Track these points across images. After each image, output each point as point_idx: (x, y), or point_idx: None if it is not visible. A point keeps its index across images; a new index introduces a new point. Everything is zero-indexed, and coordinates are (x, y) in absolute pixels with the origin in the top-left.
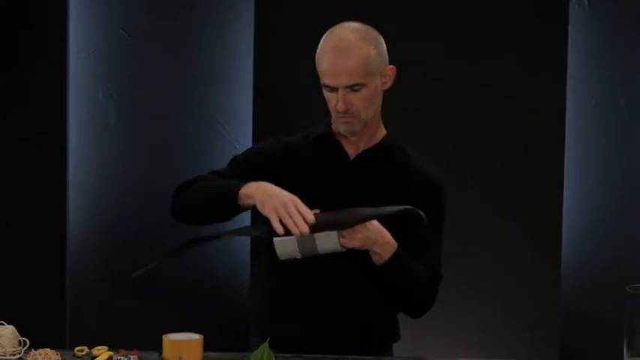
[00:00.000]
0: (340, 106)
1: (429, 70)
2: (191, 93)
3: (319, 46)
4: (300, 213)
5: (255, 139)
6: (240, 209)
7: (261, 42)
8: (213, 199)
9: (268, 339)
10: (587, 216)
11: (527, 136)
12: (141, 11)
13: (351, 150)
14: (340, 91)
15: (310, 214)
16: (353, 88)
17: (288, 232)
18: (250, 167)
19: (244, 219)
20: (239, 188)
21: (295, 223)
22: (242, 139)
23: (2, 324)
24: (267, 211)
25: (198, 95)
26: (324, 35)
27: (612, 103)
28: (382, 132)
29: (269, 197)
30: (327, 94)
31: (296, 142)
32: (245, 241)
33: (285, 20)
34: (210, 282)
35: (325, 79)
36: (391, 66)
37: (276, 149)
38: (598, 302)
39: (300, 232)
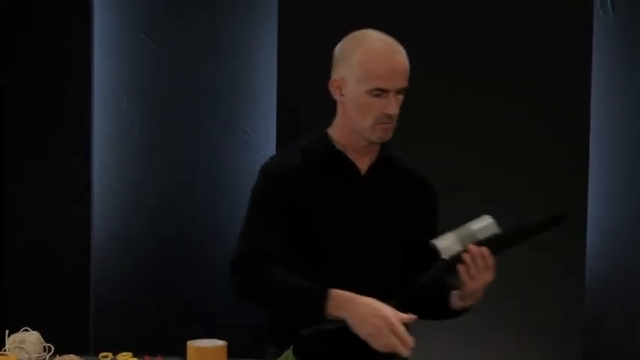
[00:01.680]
0: (393, 110)
1: (452, 77)
2: (213, 98)
3: (355, 52)
4: (397, 336)
5: (278, 145)
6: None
7: (285, 47)
8: (294, 313)
9: (292, 346)
10: (612, 222)
11: (551, 140)
12: (162, 16)
13: (361, 164)
14: (393, 95)
15: (406, 337)
16: (400, 92)
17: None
18: (282, 207)
19: None
20: (324, 309)
21: (399, 344)
22: (265, 144)
23: (27, 330)
24: (363, 337)
25: (221, 100)
26: (356, 42)
27: (636, 109)
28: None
29: (358, 326)
30: (369, 99)
31: (299, 162)
32: None
33: (309, 24)
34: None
35: (379, 83)
36: None
37: (287, 176)
38: (622, 309)
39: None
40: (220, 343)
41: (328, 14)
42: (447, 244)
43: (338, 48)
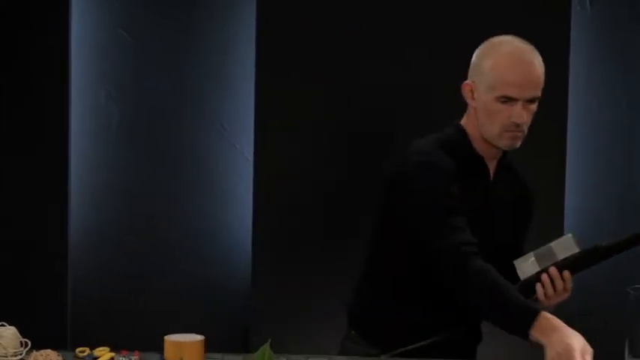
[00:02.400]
0: (520, 119)
1: (428, 72)
2: (192, 93)
3: (488, 57)
4: None
5: (256, 140)
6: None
7: (264, 42)
8: (505, 321)
9: (269, 340)
10: (589, 218)
11: (528, 137)
12: (141, 11)
13: (491, 169)
14: (521, 104)
15: None
16: (531, 100)
17: None
18: (455, 202)
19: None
20: (528, 330)
21: None
22: (243, 139)
23: (3, 325)
24: None
25: (199, 95)
26: (490, 47)
27: (614, 105)
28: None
29: (564, 349)
30: (498, 106)
31: (452, 159)
32: (246, 242)
33: (287, 20)
34: (212, 283)
35: (508, 91)
36: None
37: (449, 172)
38: (599, 304)
39: None
40: (198, 337)
41: (307, 10)
42: (525, 264)
43: (476, 52)
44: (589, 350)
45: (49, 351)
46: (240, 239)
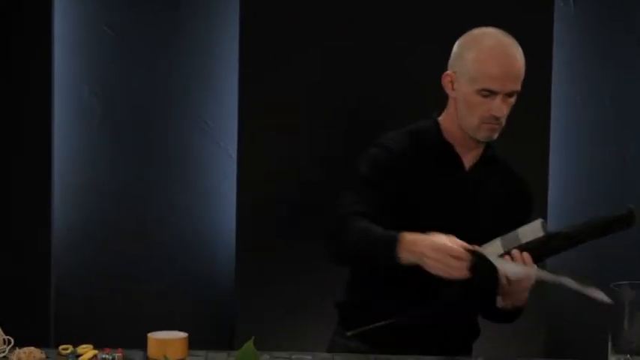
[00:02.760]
0: (500, 112)
1: (412, 67)
2: (176, 91)
3: (471, 49)
4: (455, 258)
5: (240, 137)
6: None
7: (247, 40)
8: (374, 260)
9: (253, 337)
10: (572, 213)
11: (511, 133)
12: (125, 8)
13: (466, 160)
14: (500, 97)
15: (465, 255)
16: (510, 94)
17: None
18: (381, 185)
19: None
20: (395, 252)
21: (458, 268)
22: (227, 136)
23: None
24: (431, 270)
25: (183, 93)
26: (472, 39)
27: (596, 101)
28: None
29: (423, 260)
30: (477, 99)
31: (408, 148)
32: (230, 239)
33: (270, 15)
34: (196, 280)
35: (488, 84)
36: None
37: (394, 159)
38: (583, 300)
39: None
40: (181, 334)
41: (290, 7)
42: (490, 248)
43: (457, 43)
44: (451, 237)
45: (32, 348)
46: (224, 236)
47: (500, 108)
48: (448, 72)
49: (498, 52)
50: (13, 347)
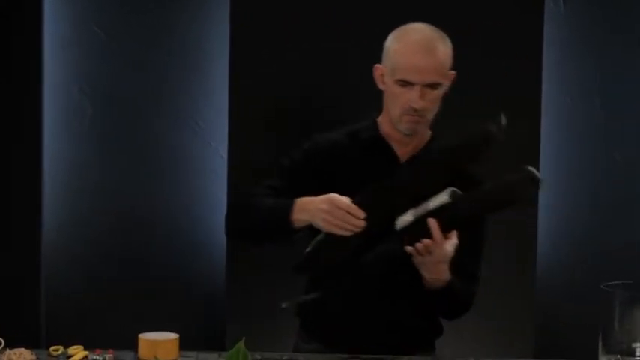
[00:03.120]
0: (418, 103)
1: None
2: (165, 90)
3: (394, 41)
4: (347, 212)
5: (230, 138)
6: (298, 230)
7: (237, 38)
8: (269, 230)
9: (244, 338)
10: (562, 214)
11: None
12: (115, 8)
13: (401, 153)
14: (419, 88)
15: (353, 207)
16: (430, 86)
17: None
18: (301, 176)
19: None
20: (289, 216)
21: (353, 224)
22: (218, 136)
23: None
24: (322, 227)
25: (173, 92)
26: (398, 32)
27: (587, 102)
28: (428, 134)
29: (313, 216)
30: (398, 89)
31: (343, 142)
32: (221, 240)
33: (261, 16)
34: (186, 281)
35: (405, 74)
36: (453, 71)
37: (324, 152)
38: (573, 300)
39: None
40: (172, 335)
41: (281, 6)
42: (402, 219)
43: (388, 37)
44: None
45: (23, 349)
46: (215, 237)
47: (417, 99)
48: (379, 65)
49: (418, 44)
50: (4, 348)
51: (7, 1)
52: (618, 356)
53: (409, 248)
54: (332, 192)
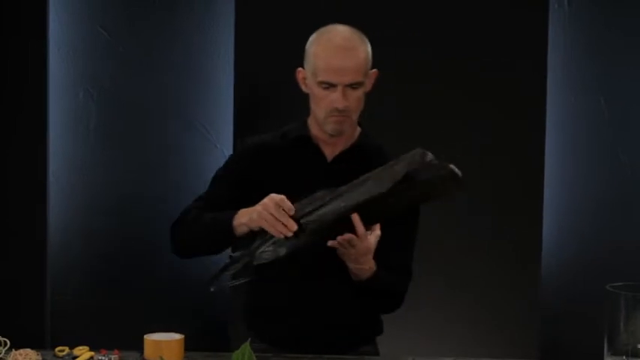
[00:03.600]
0: (340, 104)
1: (406, 71)
2: (171, 93)
3: (313, 44)
4: (278, 205)
5: (235, 139)
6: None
7: (242, 41)
8: (212, 240)
9: (249, 339)
10: (567, 215)
11: (507, 134)
12: (120, 10)
13: (329, 152)
14: (341, 89)
15: (286, 202)
16: (352, 86)
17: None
18: (231, 179)
19: None
20: (231, 222)
21: (284, 224)
22: (223, 139)
23: None
24: (257, 224)
25: (178, 95)
26: (317, 35)
27: (592, 102)
28: (357, 132)
29: (251, 213)
30: (320, 92)
31: (271, 143)
32: None
33: (266, 18)
34: (191, 281)
35: (326, 76)
36: (374, 70)
37: (252, 151)
38: (578, 301)
39: (290, 229)
40: (177, 336)
41: (286, 8)
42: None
43: (309, 40)
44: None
45: (28, 350)
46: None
47: (340, 100)
48: (300, 69)
49: (335, 45)
50: (10, 349)
51: (13, 3)
52: (624, 357)
53: (332, 242)
54: (262, 192)
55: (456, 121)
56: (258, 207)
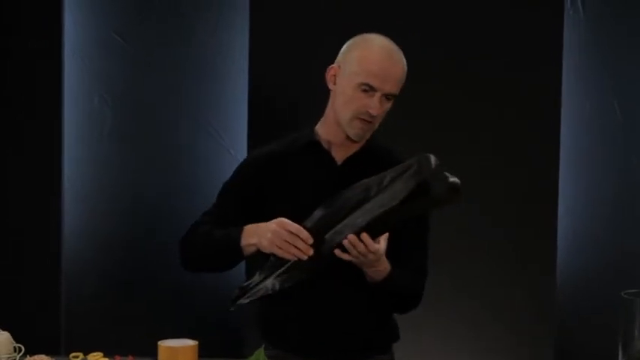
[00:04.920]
0: (376, 110)
1: (423, 74)
2: (185, 98)
3: (359, 47)
4: (294, 235)
5: (250, 145)
6: (248, 257)
7: (256, 46)
8: (220, 258)
9: (263, 345)
10: (582, 220)
11: (522, 139)
12: (134, 15)
13: (338, 156)
14: (378, 96)
15: (303, 232)
16: (387, 97)
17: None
18: (239, 191)
19: None
20: (239, 242)
21: (298, 248)
22: (237, 144)
23: None
24: (269, 250)
25: (193, 100)
26: (361, 39)
27: (606, 107)
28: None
29: (260, 237)
30: (357, 94)
31: (279, 151)
32: None
33: (280, 23)
34: (206, 287)
35: (370, 80)
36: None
37: (259, 162)
38: (593, 307)
39: (306, 254)
40: (191, 342)
41: (300, 14)
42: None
43: (347, 42)
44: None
45: (42, 356)
46: None
47: (377, 106)
48: (333, 65)
49: (383, 52)
50: (24, 355)
51: (28, 10)
52: None
53: (346, 256)
54: (272, 202)
55: (470, 126)
56: (267, 233)
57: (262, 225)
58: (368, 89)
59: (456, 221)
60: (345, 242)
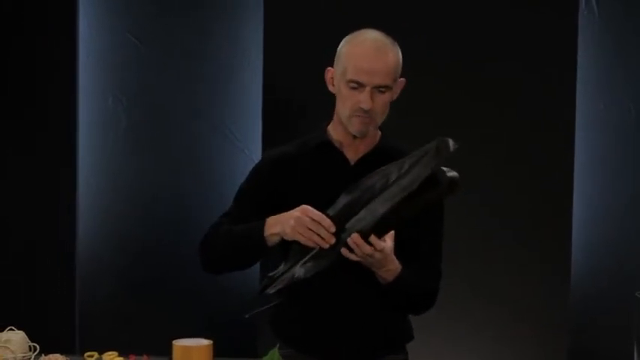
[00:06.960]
0: (366, 104)
1: (440, 75)
2: (200, 98)
3: (345, 45)
4: (317, 222)
5: (264, 145)
6: (271, 249)
7: (271, 47)
8: (244, 252)
9: (278, 345)
10: (597, 221)
11: (537, 140)
12: (149, 16)
13: (351, 155)
14: (368, 90)
15: (326, 219)
16: (380, 89)
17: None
18: (255, 192)
19: None
20: (262, 233)
21: (320, 236)
22: (251, 144)
23: (12, 329)
24: (291, 237)
25: (207, 100)
26: (350, 37)
27: (620, 107)
28: (378, 135)
29: (284, 225)
30: (348, 91)
31: (292, 152)
32: None
33: (294, 25)
34: (220, 287)
35: (356, 76)
36: (402, 78)
37: (274, 163)
38: (607, 308)
39: (328, 242)
40: (206, 342)
41: (314, 14)
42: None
43: (341, 41)
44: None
45: (57, 355)
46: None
47: (367, 101)
48: (330, 68)
49: (367, 46)
50: (39, 354)
51: (43, 12)
52: None
53: (353, 257)
54: (287, 202)
55: (485, 128)
56: (290, 220)
57: (285, 214)
58: (357, 85)
59: (470, 223)
60: (350, 242)
